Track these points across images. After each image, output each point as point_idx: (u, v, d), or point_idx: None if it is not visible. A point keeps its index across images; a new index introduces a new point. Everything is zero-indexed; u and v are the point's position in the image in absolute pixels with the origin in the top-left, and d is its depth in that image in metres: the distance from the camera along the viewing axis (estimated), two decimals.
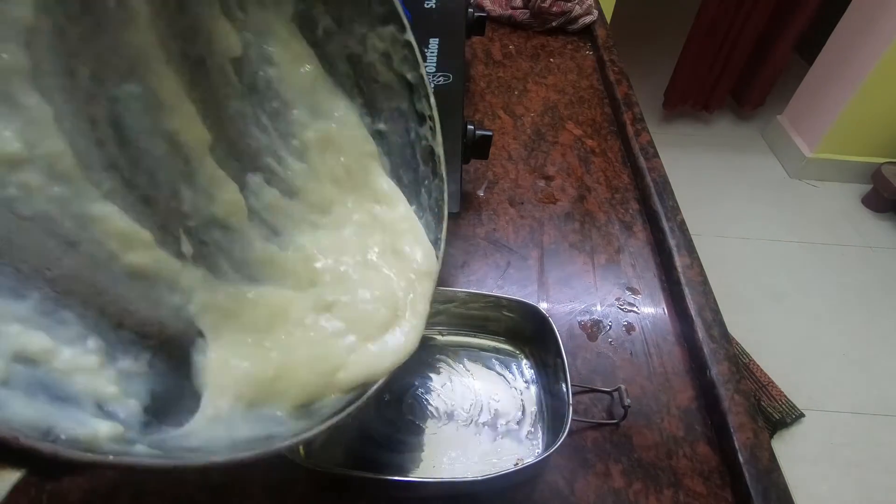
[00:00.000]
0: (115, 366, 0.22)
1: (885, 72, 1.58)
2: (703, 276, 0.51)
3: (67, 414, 0.19)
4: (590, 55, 0.90)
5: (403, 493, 0.38)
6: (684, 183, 1.38)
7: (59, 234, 0.21)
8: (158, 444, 0.21)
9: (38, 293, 0.21)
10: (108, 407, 0.21)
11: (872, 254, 1.63)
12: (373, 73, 0.33)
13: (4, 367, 0.18)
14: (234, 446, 0.22)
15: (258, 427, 0.24)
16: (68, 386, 0.20)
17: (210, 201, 0.27)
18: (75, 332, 0.22)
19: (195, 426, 0.23)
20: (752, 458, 0.39)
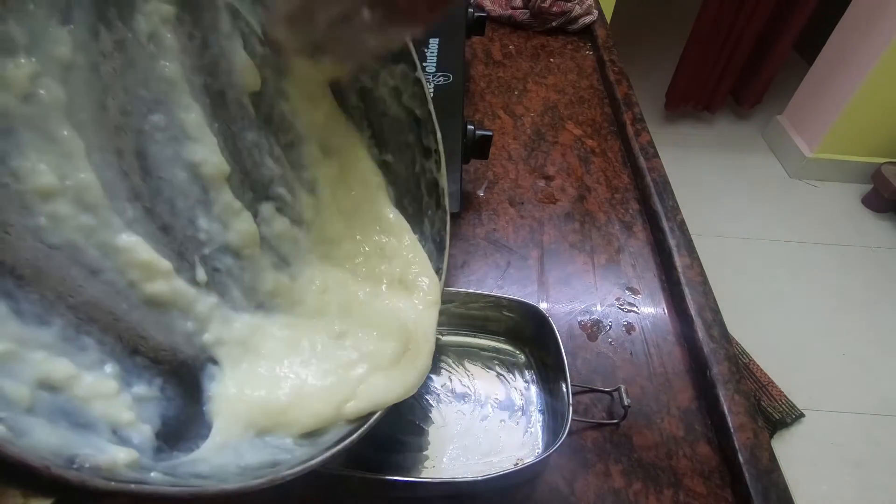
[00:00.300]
0: (130, 391, 0.23)
1: (885, 72, 1.58)
2: (703, 276, 0.51)
3: (86, 440, 0.20)
4: (590, 55, 0.90)
5: (403, 493, 0.38)
6: (684, 183, 1.38)
7: (82, 262, 0.22)
8: (170, 469, 0.21)
9: (60, 320, 0.21)
10: (122, 433, 0.22)
11: (872, 254, 1.63)
12: (382, 106, 0.35)
13: (30, 395, 0.19)
14: (243, 473, 0.23)
15: (265, 453, 0.25)
16: (87, 412, 0.21)
17: (225, 230, 0.28)
18: (94, 358, 0.22)
19: (204, 453, 0.24)
20: (752, 458, 0.39)
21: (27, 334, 0.20)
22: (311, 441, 0.26)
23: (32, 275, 0.20)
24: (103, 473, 0.18)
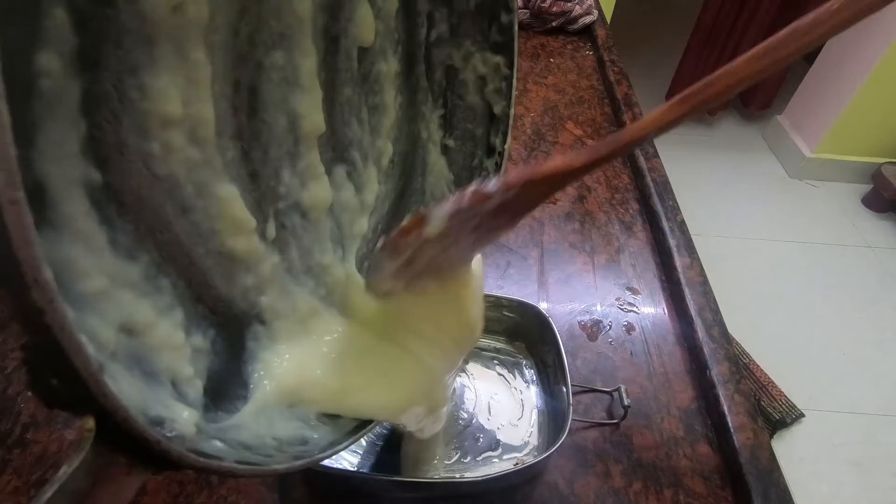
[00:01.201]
0: (190, 342, 0.23)
1: (885, 72, 1.58)
2: (703, 276, 0.51)
3: (155, 395, 0.19)
4: (590, 55, 0.90)
5: (404, 492, 0.38)
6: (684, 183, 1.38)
7: (178, 197, 0.21)
8: (220, 434, 0.21)
9: (147, 256, 0.21)
10: (181, 387, 0.21)
11: (872, 254, 1.63)
12: (463, 90, 0.34)
13: (114, 338, 0.18)
14: (280, 448, 0.23)
15: (292, 426, 0.25)
16: (155, 362, 0.20)
17: (302, 187, 0.28)
18: (167, 303, 0.22)
19: (244, 417, 0.24)
20: (752, 458, 0.39)
21: (118, 269, 0.19)
22: (331, 421, 0.27)
23: (133, 203, 0.20)
24: (187, 444, 0.18)
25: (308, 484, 0.38)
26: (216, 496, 0.36)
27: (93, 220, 0.18)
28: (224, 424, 0.23)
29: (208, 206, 0.23)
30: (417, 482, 0.36)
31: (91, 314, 0.18)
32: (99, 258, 0.18)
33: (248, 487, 0.37)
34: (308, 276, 0.29)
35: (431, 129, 0.35)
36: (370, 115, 0.32)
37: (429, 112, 0.34)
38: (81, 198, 0.18)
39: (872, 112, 1.69)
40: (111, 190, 0.19)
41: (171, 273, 0.22)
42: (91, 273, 0.18)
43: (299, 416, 0.26)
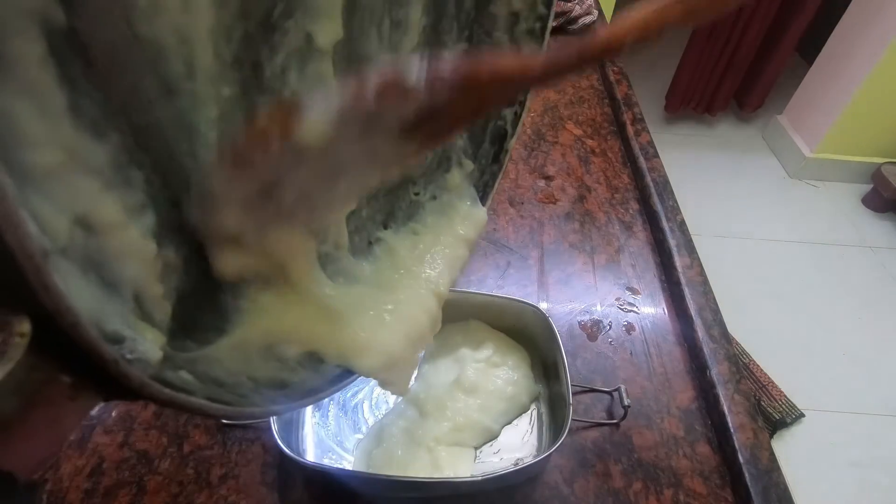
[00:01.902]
0: (161, 253, 0.19)
1: (885, 72, 1.58)
2: (703, 276, 0.51)
3: (114, 307, 0.16)
4: None
5: (404, 492, 0.38)
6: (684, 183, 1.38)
7: (162, 72, 0.18)
8: (190, 365, 0.19)
9: (117, 136, 0.17)
10: (146, 305, 0.18)
11: (872, 254, 1.63)
12: (491, 26, 0.30)
13: (68, 232, 0.15)
14: (256, 389, 0.21)
15: (270, 367, 0.23)
16: (119, 271, 0.17)
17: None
18: (138, 201, 0.18)
19: (218, 350, 0.21)
20: (752, 458, 0.39)
21: (79, 144, 0.16)
22: (312, 366, 0.25)
23: (104, 65, 0.16)
24: (150, 371, 0.15)
25: (308, 484, 0.38)
26: (216, 496, 0.36)
27: (49, 71, 0.14)
28: (194, 355, 0.20)
29: (197, 89, 0.19)
30: (417, 482, 0.36)
31: (38, 195, 0.14)
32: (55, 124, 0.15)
33: (248, 487, 0.37)
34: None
35: None
36: (392, 30, 0.28)
37: (451, 43, 0.31)
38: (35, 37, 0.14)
39: (872, 112, 1.69)
40: (77, 40, 0.15)
41: (146, 165, 0.18)
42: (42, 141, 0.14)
43: (279, 355, 0.23)
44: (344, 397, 0.42)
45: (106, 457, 0.38)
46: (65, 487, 0.36)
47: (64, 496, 0.36)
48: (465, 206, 0.33)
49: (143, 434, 0.39)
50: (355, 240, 0.30)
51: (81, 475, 0.37)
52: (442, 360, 0.43)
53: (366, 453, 0.38)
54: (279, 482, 0.37)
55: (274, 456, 0.38)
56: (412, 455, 0.38)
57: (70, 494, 0.36)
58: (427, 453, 0.38)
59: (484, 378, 0.41)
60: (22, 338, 0.11)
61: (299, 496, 0.37)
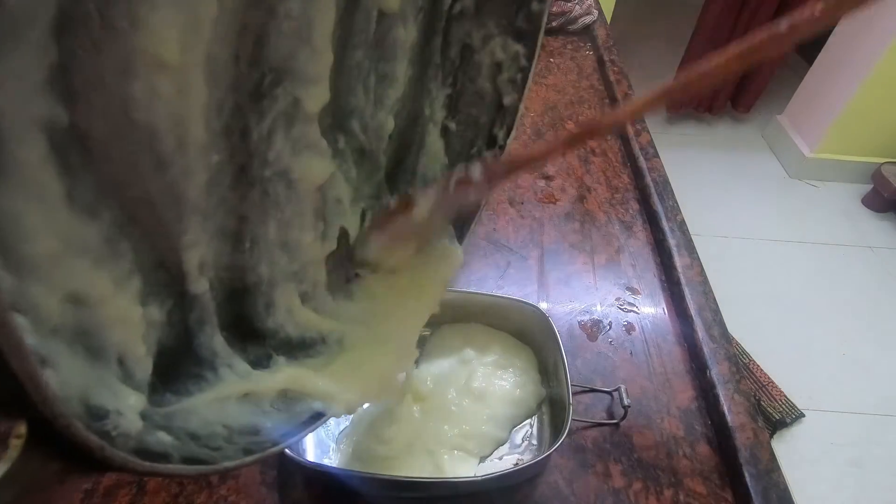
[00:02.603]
0: (146, 314, 0.20)
1: (885, 72, 1.58)
2: (703, 276, 0.51)
3: (98, 374, 0.17)
4: (590, 55, 0.90)
5: (404, 492, 0.38)
6: (684, 183, 1.38)
7: (156, 150, 0.19)
8: (167, 421, 0.20)
9: (109, 214, 0.18)
10: (129, 366, 0.19)
11: (872, 254, 1.63)
12: (475, 73, 0.32)
13: (59, 310, 0.15)
14: (230, 438, 0.22)
15: (244, 412, 0.24)
16: (105, 338, 0.18)
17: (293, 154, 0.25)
18: (125, 270, 0.19)
19: (195, 402, 0.22)
20: (752, 458, 0.39)
21: (74, 229, 0.16)
22: (286, 407, 0.25)
23: (100, 151, 0.17)
24: (132, 443, 0.16)
25: (308, 484, 0.38)
26: (216, 496, 0.36)
27: (50, 168, 0.15)
28: (171, 409, 0.20)
29: (186, 162, 0.20)
30: (417, 482, 0.36)
31: (35, 282, 0.15)
32: (53, 215, 0.16)
33: (248, 487, 0.37)
34: (282, 251, 0.27)
35: (435, 107, 0.33)
36: (377, 84, 0.29)
37: (436, 90, 0.32)
38: (39, 140, 0.15)
39: (872, 112, 1.69)
40: (77, 133, 0.16)
41: (134, 236, 0.19)
42: (41, 233, 0.15)
43: (253, 400, 0.24)
44: None
45: None
46: (65, 487, 0.36)
47: (64, 496, 0.36)
48: (442, 245, 0.33)
49: None
50: (332, 278, 0.31)
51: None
52: (446, 360, 0.43)
53: (354, 446, 0.38)
54: (279, 482, 0.37)
55: (274, 456, 0.38)
56: (410, 456, 0.38)
57: (70, 494, 0.36)
58: (428, 456, 0.38)
59: (492, 382, 0.41)
60: (19, 439, 0.12)
61: (299, 496, 0.37)
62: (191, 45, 0.18)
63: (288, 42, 0.22)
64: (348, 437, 0.39)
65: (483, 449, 0.39)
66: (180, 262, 0.22)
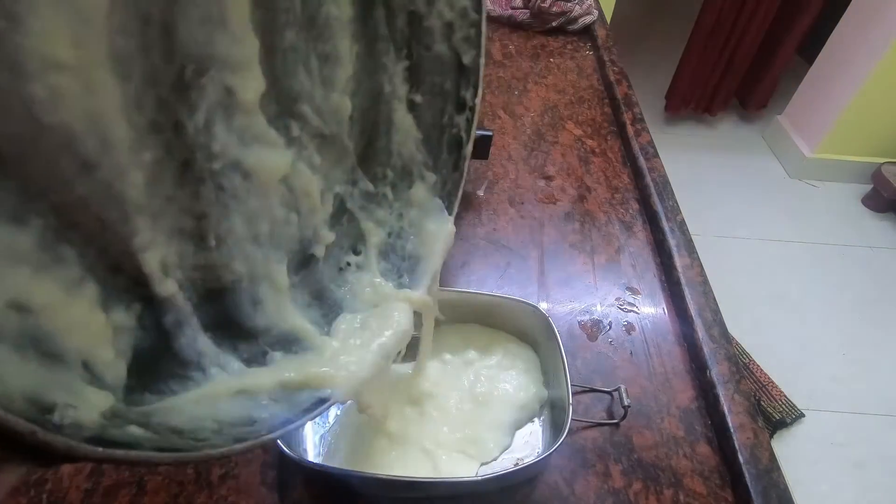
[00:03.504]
0: (111, 319, 0.20)
1: (886, 72, 1.58)
2: (703, 276, 0.51)
3: (56, 377, 0.17)
4: (590, 55, 0.90)
5: (404, 492, 0.38)
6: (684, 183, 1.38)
7: (76, 152, 0.18)
8: (143, 418, 0.19)
9: (39, 220, 0.18)
10: (96, 369, 0.19)
11: (872, 254, 1.63)
12: (428, 39, 0.31)
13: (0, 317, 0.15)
14: (220, 431, 0.21)
15: (240, 406, 0.23)
16: (62, 343, 0.18)
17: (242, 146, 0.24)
18: (74, 274, 0.19)
19: (179, 401, 0.21)
20: (752, 458, 0.39)
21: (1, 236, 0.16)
22: (285, 397, 0.25)
23: (14, 157, 0.17)
24: (86, 433, 0.15)
25: (308, 484, 0.38)
26: (216, 496, 0.36)
27: None
28: (151, 408, 0.20)
29: (114, 161, 0.19)
30: (417, 482, 0.36)
31: None
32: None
33: (248, 487, 0.37)
34: (256, 245, 0.26)
35: (396, 83, 0.32)
36: (321, 65, 0.28)
37: (391, 64, 0.31)
38: None
39: (872, 112, 1.69)
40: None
41: (76, 240, 0.19)
42: None
43: (248, 395, 0.24)
44: None
45: None
46: (65, 487, 0.36)
47: (64, 496, 0.36)
48: (432, 221, 0.33)
49: None
50: (325, 269, 0.30)
51: (81, 475, 0.37)
52: (447, 361, 0.43)
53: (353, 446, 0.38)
54: (279, 482, 0.37)
55: (274, 456, 0.38)
56: (410, 456, 0.38)
57: (70, 494, 0.36)
58: (424, 455, 0.38)
59: (495, 386, 0.41)
60: None
61: (299, 496, 0.37)
62: (85, 42, 0.17)
63: (200, 29, 0.21)
64: (348, 436, 0.39)
65: (486, 455, 0.39)
66: (138, 264, 0.21)
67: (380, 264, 0.33)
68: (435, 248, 0.32)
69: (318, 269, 0.31)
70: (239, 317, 0.26)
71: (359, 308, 0.31)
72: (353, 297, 0.31)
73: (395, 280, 0.33)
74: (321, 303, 0.31)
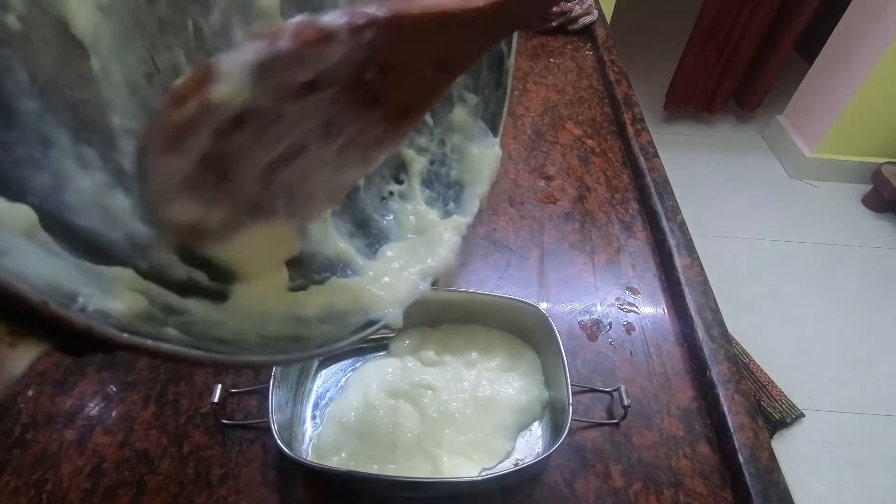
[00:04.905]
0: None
1: (886, 72, 1.58)
2: (703, 276, 0.51)
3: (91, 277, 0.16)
4: (590, 55, 0.90)
5: (404, 492, 0.38)
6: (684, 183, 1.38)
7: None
8: (185, 327, 0.17)
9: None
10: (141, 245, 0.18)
11: (872, 254, 1.63)
12: None
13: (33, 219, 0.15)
14: (266, 344, 0.20)
15: (287, 326, 0.22)
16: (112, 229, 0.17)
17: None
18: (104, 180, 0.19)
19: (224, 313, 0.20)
20: (752, 458, 0.39)
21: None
22: (335, 321, 0.24)
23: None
24: (112, 321, 0.14)
25: (308, 484, 0.38)
26: (216, 496, 0.36)
27: None
28: (193, 319, 0.19)
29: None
30: (417, 482, 0.36)
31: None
32: None
33: (248, 487, 0.37)
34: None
35: None
36: None
37: None
38: None
39: (872, 112, 1.69)
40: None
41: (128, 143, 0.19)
42: None
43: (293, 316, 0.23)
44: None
45: (106, 457, 0.38)
46: (65, 487, 0.36)
47: (64, 496, 0.36)
48: (476, 145, 0.32)
49: (143, 434, 0.39)
50: (367, 199, 0.30)
51: (81, 475, 0.37)
52: (448, 362, 0.43)
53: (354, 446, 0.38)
54: (279, 482, 0.37)
55: (274, 456, 0.38)
56: (411, 457, 0.38)
57: (70, 494, 0.36)
58: (424, 457, 0.37)
59: (497, 390, 0.41)
60: None
61: (299, 496, 0.37)
62: None
63: None
64: (348, 436, 0.39)
65: (490, 460, 0.38)
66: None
67: (424, 192, 0.32)
68: (481, 174, 0.31)
69: (360, 197, 0.30)
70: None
71: (404, 237, 0.30)
72: (398, 225, 0.30)
73: (441, 208, 0.31)
74: (365, 232, 0.30)
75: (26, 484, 0.36)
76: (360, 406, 0.40)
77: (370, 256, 0.29)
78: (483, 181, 0.31)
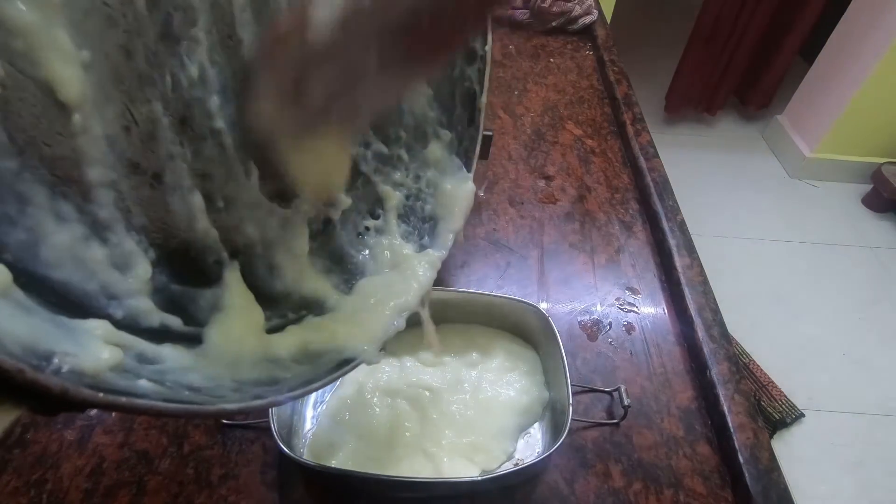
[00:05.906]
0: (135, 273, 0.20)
1: (886, 72, 1.58)
2: (703, 276, 0.51)
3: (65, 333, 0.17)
4: (590, 55, 0.90)
5: (404, 492, 0.38)
6: (684, 183, 1.38)
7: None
8: (158, 376, 0.18)
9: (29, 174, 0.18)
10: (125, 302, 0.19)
11: (872, 254, 1.63)
12: None
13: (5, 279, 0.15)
14: (240, 389, 0.20)
15: (262, 369, 0.22)
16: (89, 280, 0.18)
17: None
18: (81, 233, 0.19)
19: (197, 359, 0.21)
20: (752, 458, 0.39)
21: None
22: (310, 360, 0.24)
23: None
24: (87, 380, 0.15)
25: (308, 484, 0.38)
26: (216, 496, 0.36)
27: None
28: (167, 366, 0.20)
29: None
30: (417, 482, 0.36)
31: None
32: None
33: (248, 487, 0.37)
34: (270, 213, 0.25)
35: None
36: None
37: None
38: None
39: (872, 112, 1.69)
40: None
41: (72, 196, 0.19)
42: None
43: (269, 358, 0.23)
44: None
45: (106, 457, 0.38)
46: (65, 487, 0.36)
47: (64, 496, 0.36)
48: (450, 180, 0.32)
49: (143, 434, 0.39)
50: (344, 235, 0.30)
51: (81, 475, 0.37)
52: (448, 363, 0.43)
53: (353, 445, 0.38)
54: (279, 482, 0.37)
55: (274, 456, 0.38)
56: (411, 458, 0.38)
57: (70, 494, 0.36)
58: (425, 458, 0.37)
59: (498, 391, 0.41)
60: None
61: (299, 496, 0.37)
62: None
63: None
64: (348, 436, 0.39)
65: (491, 463, 0.38)
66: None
67: (399, 227, 0.32)
68: (455, 208, 0.32)
69: (336, 234, 0.30)
70: (255, 282, 0.26)
71: (380, 271, 0.30)
72: (373, 260, 0.31)
73: (416, 242, 0.32)
74: (342, 267, 0.30)
75: (26, 484, 0.36)
76: (353, 403, 0.40)
77: (346, 291, 0.29)
78: (456, 217, 0.32)
